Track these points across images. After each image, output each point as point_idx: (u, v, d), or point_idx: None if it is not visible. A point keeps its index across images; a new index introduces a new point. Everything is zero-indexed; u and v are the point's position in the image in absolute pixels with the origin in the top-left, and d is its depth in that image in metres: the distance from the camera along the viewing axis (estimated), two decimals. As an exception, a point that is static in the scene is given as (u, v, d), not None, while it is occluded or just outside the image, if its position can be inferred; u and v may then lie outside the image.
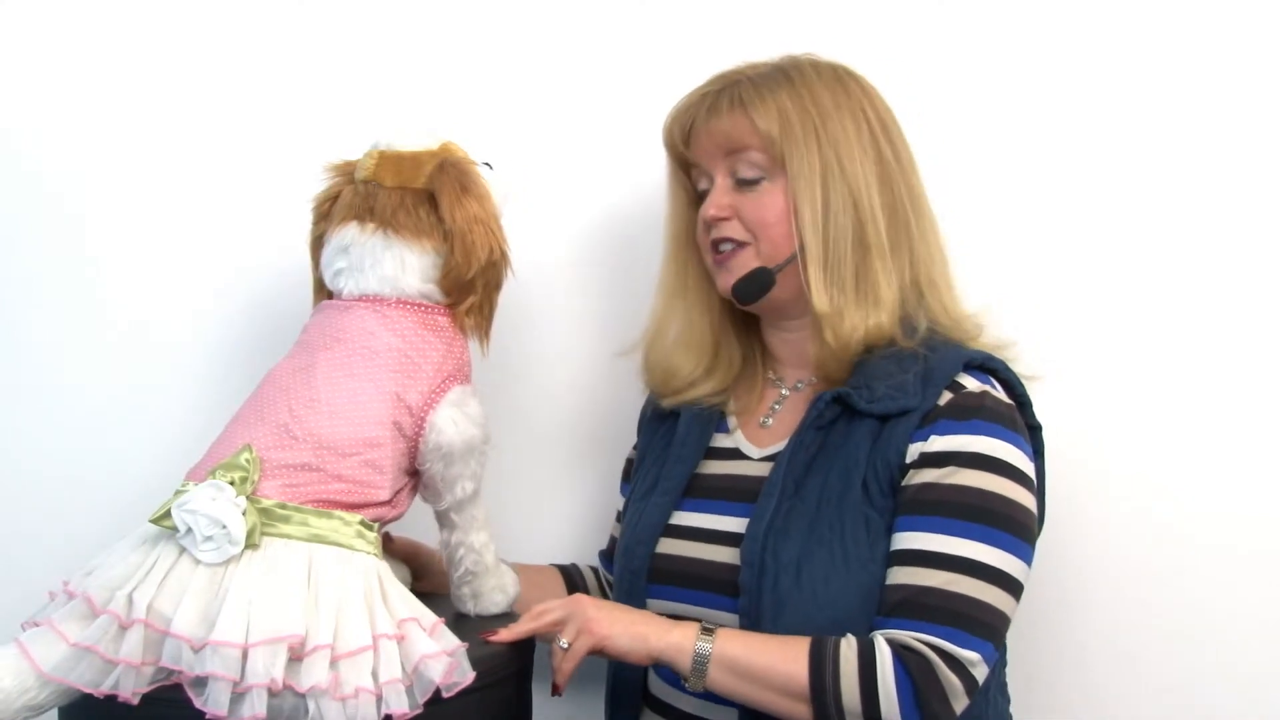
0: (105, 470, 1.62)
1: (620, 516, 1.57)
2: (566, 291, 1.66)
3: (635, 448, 1.59)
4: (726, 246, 1.39)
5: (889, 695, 1.18)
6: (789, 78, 1.37)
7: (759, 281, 1.37)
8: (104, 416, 1.64)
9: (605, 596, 1.58)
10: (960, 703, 1.20)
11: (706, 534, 1.37)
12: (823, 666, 1.20)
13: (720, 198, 1.38)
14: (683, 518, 1.41)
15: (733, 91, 1.38)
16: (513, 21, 1.68)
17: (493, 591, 1.39)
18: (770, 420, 1.44)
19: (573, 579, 1.59)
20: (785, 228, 1.35)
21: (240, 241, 1.65)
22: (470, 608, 1.37)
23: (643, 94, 1.58)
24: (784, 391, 1.45)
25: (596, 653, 1.27)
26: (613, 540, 1.60)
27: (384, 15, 1.68)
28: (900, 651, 1.20)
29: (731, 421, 1.46)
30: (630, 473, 1.58)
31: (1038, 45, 1.60)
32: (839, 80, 1.38)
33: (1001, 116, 1.61)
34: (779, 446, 1.38)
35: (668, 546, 1.40)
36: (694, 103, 1.41)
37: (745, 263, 1.38)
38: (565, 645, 1.26)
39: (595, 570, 1.63)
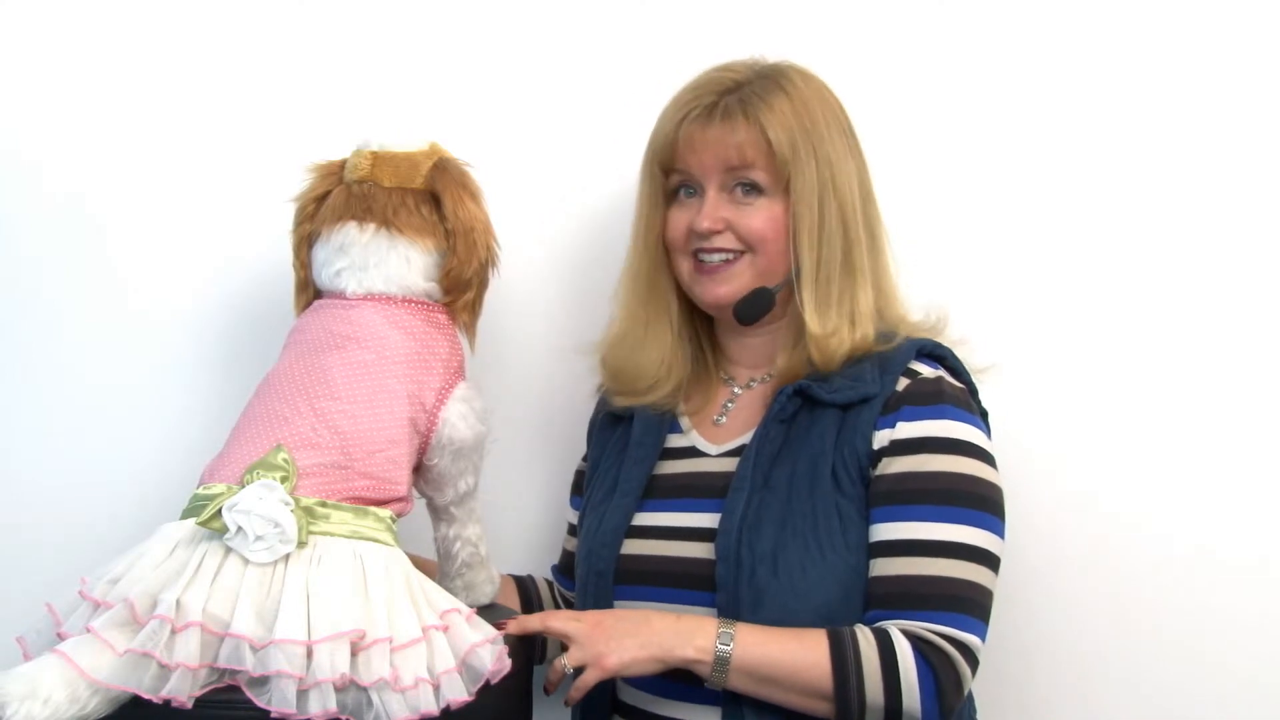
0: (102, 474, 1.59)
1: (573, 530, 1.56)
2: (524, 297, 1.67)
3: (584, 459, 1.58)
4: (716, 258, 1.38)
5: (911, 688, 1.20)
6: (784, 90, 1.37)
7: (761, 302, 1.38)
8: (102, 418, 1.60)
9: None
10: (968, 686, 1.25)
11: (674, 531, 1.37)
12: (845, 665, 1.21)
13: (714, 210, 1.37)
14: (646, 518, 1.40)
15: (741, 100, 1.36)
16: (485, 23, 1.69)
17: (484, 583, 1.43)
18: (724, 418, 1.44)
19: (527, 590, 1.57)
20: (783, 243, 1.37)
21: (239, 241, 1.63)
22: (461, 599, 1.39)
23: (608, 96, 1.62)
24: (736, 390, 1.46)
25: None
26: (565, 554, 1.59)
27: (370, 16, 1.69)
28: (918, 644, 1.22)
29: (684, 421, 1.46)
30: (580, 485, 1.56)
31: (1005, 46, 1.65)
32: (822, 93, 1.40)
33: (962, 116, 1.66)
34: (737, 442, 1.40)
35: (634, 547, 1.38)
36: (694, 111, 1.38)
37: (740, 273, 1.38)
38: (570, 671, 1.27)
39: (550, 584, 1.61)
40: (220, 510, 1.13)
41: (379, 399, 1.26)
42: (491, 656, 1.18)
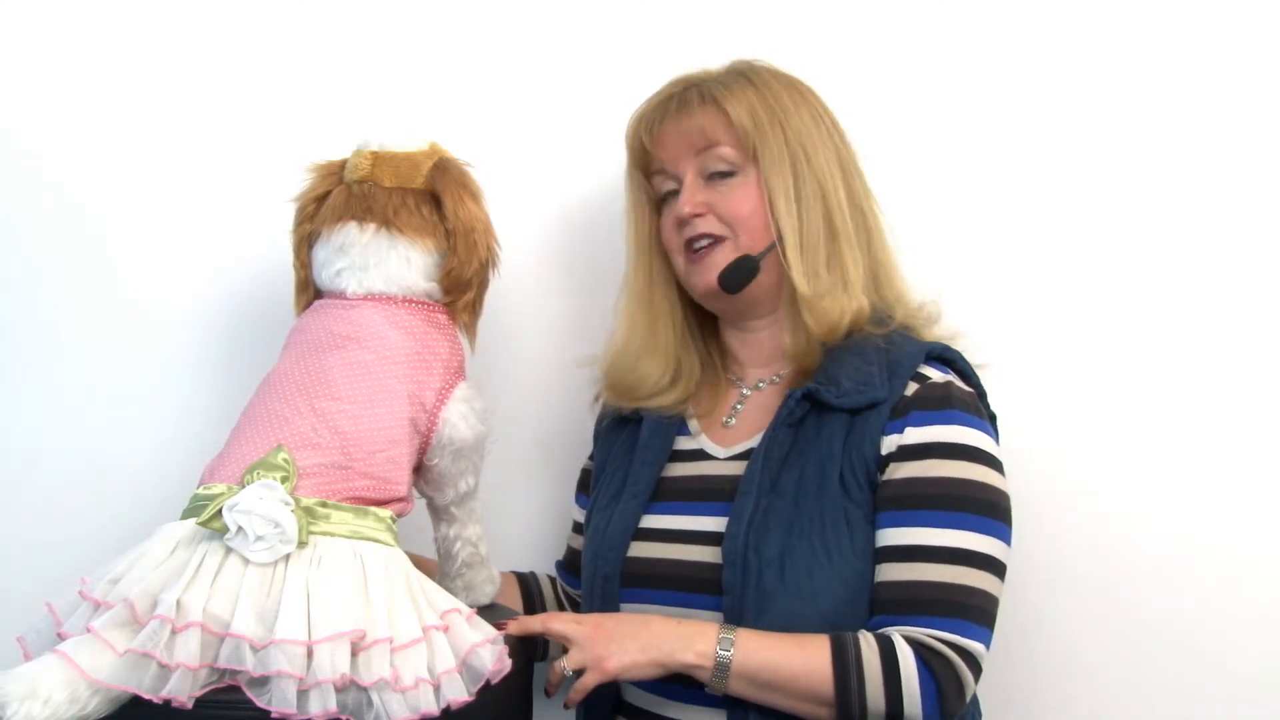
0: (103, 474, 1.59)
1: (577, 528, 1.57)
2: (523, 297, 1.67)
3: (591, 458, 1.58)
4: (703, 243, 1.40)
5: (912, 694, 1.20)
6: (748, 79, 1.42)
7: (744, 269, 1.38)
8: (102, 418, 1.61)
9: (561, 607, 1.58)
10: (970, 693, 1.24)
11: (681, 535, 1.37)
12: (846, 670, 1.21)
13: (693, 195, 1.39)
14: (653, 520, 1.40)
15: (700, 89, 1.41)
16: (486, 24, 1.70)
17: (484, 583, 1.43)
18: (733, 420, 1.44)
19: (530, 587, 1.58)
20: (761, 218, 1.38)
21: (240, 242, 1.63)
22: (462, 599, 1.39)
23: (608, 97, 1.61)
24: (745, 391, 1.46)
25: None
26: (570, 551, 1.59)
27: (364, 19, 1.69)
28: (920, 650, 1.21)
29: (693, 424, 1.46)
30: (587, 484, 1.57)
31: (1003, 43, 1.66)
32: (792, 84, 1.44)
33: (960, 113, 1.67)
34: (745, 445, 1.40)
35: (640, 550, 1.38)
36: (659, 103, 1.44)
37: (725, 257, 1.39)
38: (570, 673, 1.27)
39: (553, 580, 1.62)
40: (220, 510, 1.13)
41: (379, 399, 1.26)
42: (492, 656, 1.18)
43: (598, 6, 1.70)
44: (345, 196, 1.35)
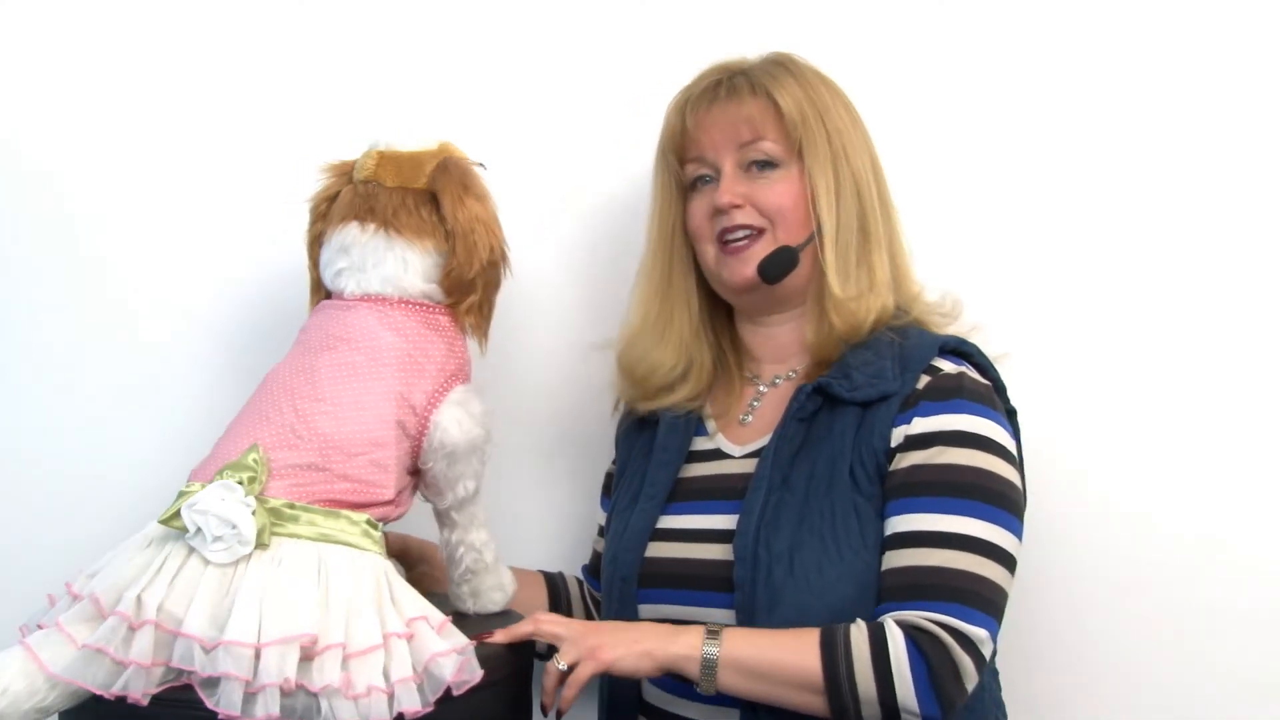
0: (105, 472, 1.62)
1: (602, 531, 1.56)
2: (543, 297, 1.66)
3: (614, 462, 1.58)
4: (740, 235, 1.38)
5: (903, 678, 1.17)
6: (787, 68, 1.41)
7: (784, 259, 1.37)
8: (104, 417, 1.64)
9: (588, 610, 1.58)
10: (971, 681, 1.20)
11: (695, 534, 1.37)
12: (835, 655, 1.19)
13: (733, 185, 1.38)
14: (670, 521, 1.40)
15: (749, 77, 1.40)
16: (498, 20, 1.69)
17: (491, 590, 1.39)
18: (749, 417, 1.44)
19: (557, 586, 1.58)
20: (802, 211, 1.37)
21: (241, 241, 1.65)
22: (469, 605, 1.38)
23: (621, 91, 1.60)
24: (761, 388, 1.45)
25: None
26: (595, 555, 1.58)
27: (376, 16, 1.69)
28: (912, 633, 1.19)
29: (710, 424, 1.46)
30: (610, 487, 1.57)
31: (1018, 34, 1.64)
32: (823, 75, 1.42)
33: (977, 107, 1.65)
34: (760, 442, 1.39)
35: (657, 550, 1.39)
36: (708, 88, 1.41)
37: (764, 249, 1.38)
38: (564, 667, 1.25)
39: (580, 583, 1.61)
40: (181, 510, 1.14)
41: (365, 400, 1.25)
42: (453, 667, 1.14)
43: (603, 7, 1.69)
44: (351, 196, 1.34)
